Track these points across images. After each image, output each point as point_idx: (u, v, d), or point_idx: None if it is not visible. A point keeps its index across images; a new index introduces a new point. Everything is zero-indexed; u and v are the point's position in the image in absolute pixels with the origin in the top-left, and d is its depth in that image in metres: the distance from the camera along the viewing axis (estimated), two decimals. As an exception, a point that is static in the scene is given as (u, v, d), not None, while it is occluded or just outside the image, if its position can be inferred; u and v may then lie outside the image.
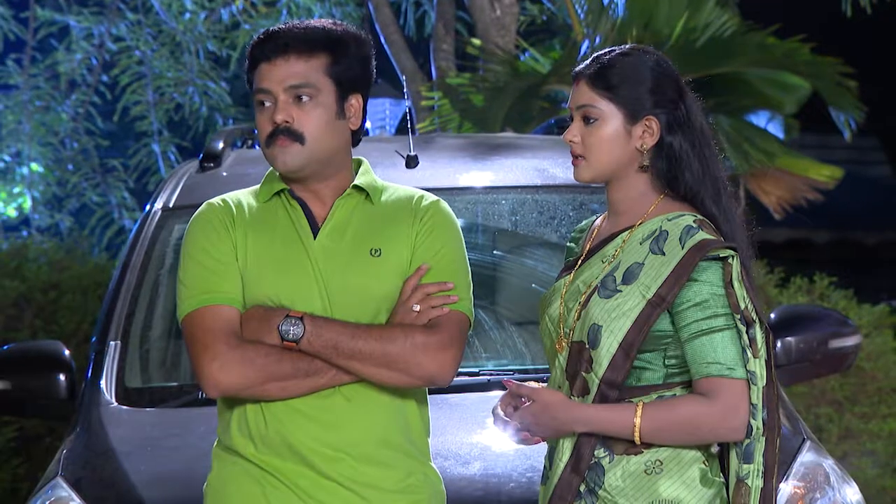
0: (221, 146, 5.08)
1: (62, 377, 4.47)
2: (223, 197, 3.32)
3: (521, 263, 4.91)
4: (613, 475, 3.09)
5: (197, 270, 3.23)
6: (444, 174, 4.93)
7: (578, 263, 3.24)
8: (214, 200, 3.31)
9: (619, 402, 3.08)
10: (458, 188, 4.86)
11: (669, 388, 3.11)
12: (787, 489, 3.75)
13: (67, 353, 4.59)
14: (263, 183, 3.32)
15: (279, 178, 3.29)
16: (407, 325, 3.18)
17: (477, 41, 9.45)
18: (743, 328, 3.05)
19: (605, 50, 3.21)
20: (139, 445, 4.06)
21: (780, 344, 4.67)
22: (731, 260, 3.07)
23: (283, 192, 3.28)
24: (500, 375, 4.23)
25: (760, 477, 3.06)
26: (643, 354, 3.09)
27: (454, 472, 3.74)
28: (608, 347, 3.08)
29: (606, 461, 3.10)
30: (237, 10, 11.02)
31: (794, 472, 3.81)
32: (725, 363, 3.04)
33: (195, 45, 11.03)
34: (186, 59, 11.08)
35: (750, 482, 3.06)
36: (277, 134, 3.20)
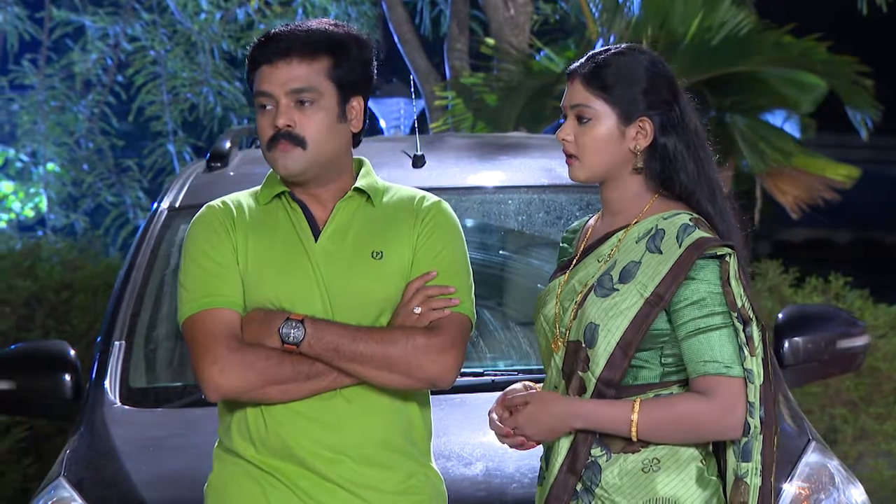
0: (228, 146, 5.06)
1: (67, 377, 4.47)
2: (223, 199, 3.30)
3: (527, 264, 4.88)
4: (610, 473, 3.07)
5: (197, 273, 3.21)
6: (450, 174, 4.91)
7: (573, 263, 3.22)
8: (214, 203, 3.30)
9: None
10: (464, 188, 4.84)
11: (666, 386, 3.09)
12: (791, 490, 3.74)
13: (73, 353, 4.58)
14: (264, 185, 3.30)
15: (279, 180, 3.27)
16: (408, 327, 3.16)
17: (491, 40, 9.43)
18: (740, 326, 3.04)
19: (599, 49, 3.19)
20: (142, 446, 4.05)
21: (787, 344, 4.64)
22: (728, 258, 3.06)
23: (283, 194, 3.26)
24: (505, 376, 4.22)
25: (759, 475, 3.05)
26: (640, 353, 3.08)
27: (457, 472, 3.73)
28: (605, 346, 3.07)
29: (603, 460, 3.08)
30: (252, 10, 11.03)
31: (798, 472, 3.79)
32: (722, 361, 3.02)
33: (210, 45, 11.06)
34: (201, 59, 11.10)
35: (748, 480, 3.05)
36: (279, 138, 3.18)
